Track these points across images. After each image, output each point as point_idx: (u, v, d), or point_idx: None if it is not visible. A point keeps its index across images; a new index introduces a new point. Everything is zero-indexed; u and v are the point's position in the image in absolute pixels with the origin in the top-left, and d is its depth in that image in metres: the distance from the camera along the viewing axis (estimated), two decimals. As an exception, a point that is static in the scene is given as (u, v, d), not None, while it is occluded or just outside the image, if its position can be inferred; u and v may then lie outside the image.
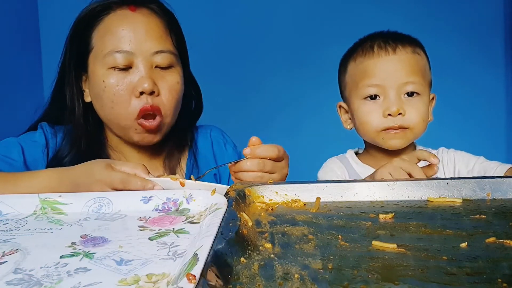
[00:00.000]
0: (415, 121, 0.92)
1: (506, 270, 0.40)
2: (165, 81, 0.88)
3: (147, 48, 0.87)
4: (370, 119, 0.94)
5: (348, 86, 1.00)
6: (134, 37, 0.86)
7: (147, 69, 0.87)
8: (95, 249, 0.48)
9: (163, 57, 0.88)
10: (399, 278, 0.38)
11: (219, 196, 0.60)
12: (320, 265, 0.42)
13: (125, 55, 0.86)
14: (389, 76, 0.92)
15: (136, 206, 0.62)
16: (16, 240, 0.52)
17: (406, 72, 0.92)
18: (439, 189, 0.62)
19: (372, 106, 0.94)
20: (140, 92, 0.85)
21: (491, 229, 0.50)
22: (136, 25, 0.87)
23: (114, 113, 0.88)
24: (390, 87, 0.92)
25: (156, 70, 0.88)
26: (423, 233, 0.50)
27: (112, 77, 0.86)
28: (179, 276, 0.38)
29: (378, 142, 0.95)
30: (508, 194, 0.61)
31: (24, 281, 0.41)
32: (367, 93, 0.94)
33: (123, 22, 0.88)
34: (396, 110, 0.90)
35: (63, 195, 0.64)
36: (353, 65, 0.98)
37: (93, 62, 0.89)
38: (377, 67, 0.93)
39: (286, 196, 0.63)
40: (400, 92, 0.92)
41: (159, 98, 0.88)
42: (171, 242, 0.50)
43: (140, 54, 0.86)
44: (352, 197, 0.63)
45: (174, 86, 0.90)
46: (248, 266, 0.42)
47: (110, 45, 0.87)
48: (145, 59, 0.87)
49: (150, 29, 0.88)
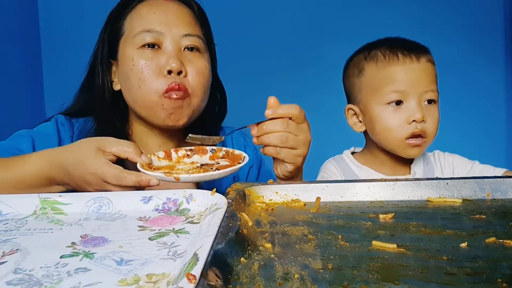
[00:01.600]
0: (433, 129, 0.95)
1: (506, 270, 0.40)
2: (193, 64, 0.89)
3: (176, 31, 0.89)
4: (394, 125, 0.94)
5: (366, 89, 0.99)
6: (164, 20, 0.89)
7: (176, 50, 0.88)
8: (95, 249, 0.48)
9: (192, 40, 0.90)
10: (399, 278, 0.38)
11: (219, 196, 0.60)
12: (320, 265, 0.42)
13: (154, 34, 0.88)
14: (413, 84, 0.94)
15: (136, 206, 0.62)
16: (16, 240, 0.52)
17: (427, 80, 0.95)
18: (439, 189, 0.62)
19: (396, 112, 0.94)
20: (168, 72, 0.86)
21: (491, 229, 0.50)
22: (167, 10, 0.90)
23: (141, 92, 0.87)
24: (414, 94, 0.93)
25: (185, 53, 0.90)
26: (423, 233, 0.50)
27: (141, 56, 0.87)
28: (179, 276, 0.38)
29: (398, 151, 0.96)
30: (508, 194, 0.61)
31: (24, 281, 0.41)
32: (391, 98, 0.94)
33: (154, 7, 0.90)
34: (421, 116, 0.92)
35: (63, 195, 0.64)
36: (373, 69, 0.98)
37: (123, 45, 0.91)
38: (402, 74, 0.95)
39: (286, 196, 0.63)
40: (421, 99, 0.94)
41: (186, 79, 0.88)
42: (171, 242, 0.50)
43: (170, 35, 0.88)
44: (352, 197, 0.63)
45: (202, 69, 0.91)
46: (248, 266, 0.42)
47: (141, 26, 0.89)
48: (174, 41, 0.88)
49: (180, 15, 0.91)
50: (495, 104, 2.09)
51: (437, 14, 2.05)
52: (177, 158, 0.78)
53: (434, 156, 1.03)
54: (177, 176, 0.65)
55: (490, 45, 2.07)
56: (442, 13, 2.06)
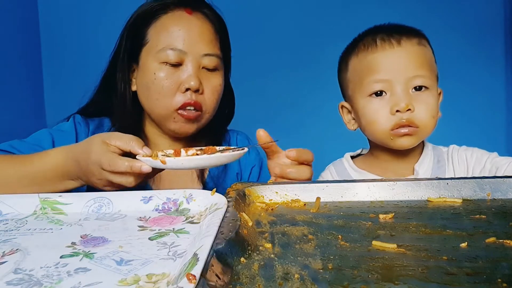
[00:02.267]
0: (425, 117, 0.86)
1: (506, 270, 0.40)
2: (209, 82, 0.95)
3: (198, 50, 0.94)
4: (378, 117, 0.88)
5: (351, 84, 0.94)
6: (187, 38, 0.93)
7: (195, 69, 0.93)
8: (95, 249, 0.48)
9: (211, 60, 0.95)
10: (399, 278, 0.38)
11: (219, 196, 0.60)
12: (320, 265, 0.42)
13: (177, 53, 0.92)
14: (396, 70, 0.86)
15: (136, 206, 0.62)
16: (16, 240, 0.52)
17: (414, 65, 0.87)
18: (439, 189, 0.62)
19: (379, 103, 0.88)
20: (186, 88, 0.92)
21: (491, 229, 0.50)
22: (190, 27, 0.94)
23: (159, 104, 0.93)
24: (397, 82, 0.86)
25: (203, 71, 0.95)
26: (423, 233, 0.50)
27: (163, 71, 0.93)
28: (179, 276, 0.38)
29: (387, 143, 0.90)
30: (508, 194, 0.61)
31: (24, 281, 0.41)
32: (372, 89, 0.88)
33: (179, 22, 0.94)
34: (405, 105, 0.84)
35: (63, 195, 0.64)
36: (355, 61, 0.93)
37: (146, 55, 0.95)
38: (382, 61, 0.88)
39: (286, 196, 0.63)
40: (408, 86, 0.86)
41: (202, 96, 0.94)
42: (171, 242, 0.50)
43: (191, 54, 0.93)
44: (352, 197, 0.63)
45: (217, 88, 0.97)
46: (248, 266, 0.42)
47: (165, 42, 0.93)
48: (195, 59, 0.93)
49: (202, 33, 0.95)
50: (495, 104, 2.09)
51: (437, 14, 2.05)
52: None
53: (449, 152, 0.96)
54: (163, 159, 0.64)
55: (490, 45, 2.07)
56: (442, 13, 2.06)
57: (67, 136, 0.93)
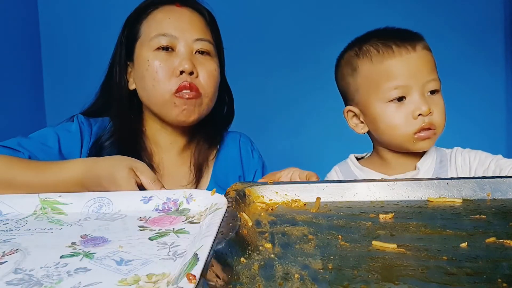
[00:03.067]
0: (441, 119, 0.90)
1: (506, 270, 0.40)
2: (203, 66, 0.95)
3: (189, 35, 0.95)
4: (399, 122, 0.89)
5: (363, 88, 0.93)
6: (178, 25, 0.95)
7: (188, 53, 0.94)
8: (95, 249, 0.48)
9: (203, 44, 0.96)
10: (399, 278, 0.38)
11: (219, 196, 0.60)
12: (320, 265, 0.42)
13: (169, 38, 0.94)
14: (413, 75, 0.88)
15: (136, 206, 0.62)
16: (16, 240, 0.52)
17: (428, 69, 0.89)
18: (439, 189, 0.62)
19: (399, 108, 0.89)
20: (180, 72, 0.92)
21: (491, 229, 0.50)
22: (180, 16, 0.96)
23: (155, 91, 0.93)
24: (414, 87, 0.88)
25: (196, 56, 0.96)
26: (423, 233, 0.50)
27: (156, 57, 0.94)
28: (179, 276, 0.38)
29: (408, 147, 0.91)
30: (508, 194, 0.61)
31: (24, 281, 0.41)
32: (393, 95, 0.89)
33: (169, 13, 0.97)
34: (427, 109, 0.87)
35: (63, 195, 0.64)
36: (368, 65, 0.92)
37: (139, 47, 0.97)
38: (400, 67, 0.89)
39: (286, 196, 0.63)
40: (424, 90, 0.88)
41: (197, 79, 0.94)
42: (171, 242, 0.50)
43: (183, 39, 0.94)
44: (352, 197, 0.63)
45: (212, 72, 0.97)
46: (248, 266, 0.42)
47: (156, 30, 0.95)
48: (187, 44, 0.94)
49: (192, 21, 0.97)
50: (495, 104, 2.09)
51: (436, 14, 2.05)
52: None
53: (452, 153, 0.96)
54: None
55: (490, 45, 2.07)
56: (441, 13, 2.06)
57: (73, 137, 0.94)
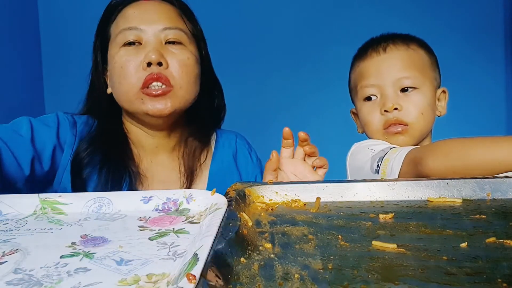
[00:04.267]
0: (413, 115, 0.94)
1: (506, 270, 0.40)
2: (174, 56, 0.90)
3: (156, 26, 0.90)
4: (371, 119, 0.97)
5: (352, 91, 1.05)
6: (144, 17, 0.90)
7: (156, 44, 0.89)
8: (95, 249, 0.48)
9: (172, 33, 0.91)
10: (399, 278, 0.38)
11: (219, 196, 0.60)
12: (320, 265, 0.42)
13: (134, 31, 0.89)
14: (383, 75, 0.96)
15: (136, 206, 0.62)
16: (16, 240, 0.52)
17: (398, 68, 0.95)
18: (439, 189, 0.62)
19: (371, 106, 0.97)
20: (147, 64, 0.86)
21: (491, 229, 0.50)
22: (147, 8, 0.92)
23: (121, 88, 0.89)
24: (386, 85, 0.95)
25: (166, 46, 0.90)
26: (423, 233, 0.50)
27: (122, 53, 0.89)
28: (179, 276, 0.38)
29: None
30: (508, 194, 0.61)
31: (24, 281, 0.41)
32: (365, 94, 0.98)
33: (135, 7, 0.92)
34: (392, 105, 0.93)
35: (63, 195, 0.64)
36: (352, 70, 1.04)
37: (110, 47, 0.93)
38: (371, 68, 0.98)
39: (286, 196, 0.63)
40: (395, 88, 0.95)
41: (168, 70, 0.88)
42: (171, 242, 0.50)
43: (149, 30, 0.89)
44: (352, 197, 0.63)
45: (184, 61, 0.90)
46: (248, 266, 0.42)
47: (122, 25, 0.90)
48: (154, 35, 0.89)
49: (161, 11, 0.92)
50: (495, 104, 2.09)
51: (436, 14, 2.05)
52: None
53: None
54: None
55: (490, 45, 2.07)
56: (441, 13, 2.06)
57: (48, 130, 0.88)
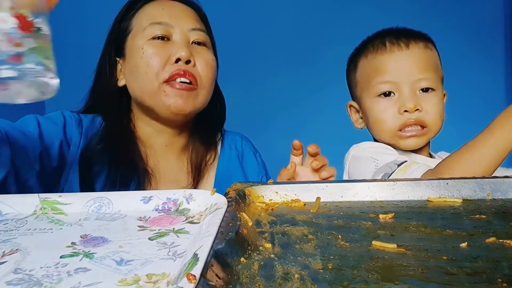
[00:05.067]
0: (433, 117, 0.90)
1: (506, 270, 0.40)
2: (201, 56, 0.92)
3: (184, 24, 0.91)
4: (385, 117, 0.91)
5: (360, 84, 0.97)
6: (172, 14, 0.92)
7: (185, 41, 0.90)
8: (95, 249, 0.48)
9: (200, 34, 0.93)
10: (399, 278, 0.38)
11: (219, 196, 0.60)
12: (320, 265, 0.42)
13: (164, 26, 0.90)
14: (403, 72, 0.90)
15: (136, 206, 0.62)
16: (16, 240, 0.52)
17: (420, 67, 0.90)
18: (439, 189, 0.62)
19: (387, 103, 0.91)
20: (176, 60, 0.87)
21: (491, 229, 0.50)
22: (173, 6, 0.94)
23: (147, 78, 0.88)
24: (404, 83, 0.89)
25: (193, 46, 0.92)
26: (423, 233, 0.50)
27: (151, 45, 0.89)
28: (179, 276, 0.38)
29: (393, 143, 0.92)
30: (508, 194, 0.61)
31: (24, 281, 0.41)
32: (380, 90, 0.91)
33: (162, 4, 0.93)
34: (413, 106, 0.88)
35: (63, 195, 0.64)
36: (364, 62, 0.96)
37: (131, 40, 0.92)
38: (390, 63, 0.91)
39: (286, 196, 0.63)
40: (414, 88, 0.90)
41: (195, 69, 0.90)
42: (171, 242, 0.50)
43: (179, 28, 0.91)
44: (352, 197, 0.63)
45: (210, 62, 0.93)
46: (248, 266, 0.42)
47: (150, 19, 0.91)
48: (183, 33, 0.91)
49: (186, 11, 0.94)
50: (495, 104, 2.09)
51: (436, 14, 2.05)
52: None
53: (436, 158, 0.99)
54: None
55: (490, 45, 2.07)
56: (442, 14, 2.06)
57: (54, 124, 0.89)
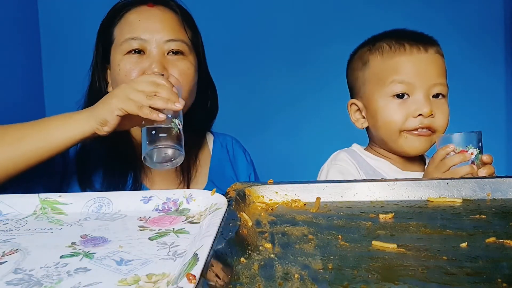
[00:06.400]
0: (443, 123, 0.90)
1: (506, 270, 0.40)
2: (175, 66, 0.93)
3: (160, 37, 0.93)
4: (398, 118, 0.89)
5: (370, 81, 0.95)
6: (149, 27, 0.93)
7: (159, 55, 0.92)
8: (95, 249, 0.48)
9: (175, 45, 0.94)
10: (399, 278, 0.38)
11: (219, 196, 0.60)
12: (320, 265, 0.42)
13: (139, 41, 0.92)
14: (421, 75, 0.89)
15: (136, 206, 0.62)
16: (16, 240, 0.52)
17: (436, 73, 0.90)
18: (439, 189, 0.62)
19: (401, 105, 0.90)
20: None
21: (491, 229, 0.50)
22: (151, 17, 0.95)
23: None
24: (419, 87, 0.89)
25: (168, 57, 0.94)
26: (423, 233, 0.50)
27: (127, 61, 0.92)
28: (179, 276, 0.38)
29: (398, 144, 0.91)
30: (508, 194, 0.61)
31: (24, 281, 0.41)
32: (396, 90, 0.90)
33: (140, 15, 0.95)
34: (429, 111, 0.87)
35: (63, 195, 0.64)
36: (378, 60, 0.93)
37: (113, 51, 0.96)
38: (409, 64, 0.90)
39: (286, 196, 0.63)
40: (429, 93, 0.89)
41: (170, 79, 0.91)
42: (171, 242, 0.50)
43: (153, 41, 0.93)
44: (352, 197, 0.63)
45: (185, 71, 0.94)
46: (248, 266, 0.42)
47: (127, 34, 0.94)
48: (158, 47, 0.93)
49: (164, 21, 0.95)
50: (495, 104, 2.09)
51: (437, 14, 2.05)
52: None
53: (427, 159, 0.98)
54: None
55: (490, 45, 2.07)
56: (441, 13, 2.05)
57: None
